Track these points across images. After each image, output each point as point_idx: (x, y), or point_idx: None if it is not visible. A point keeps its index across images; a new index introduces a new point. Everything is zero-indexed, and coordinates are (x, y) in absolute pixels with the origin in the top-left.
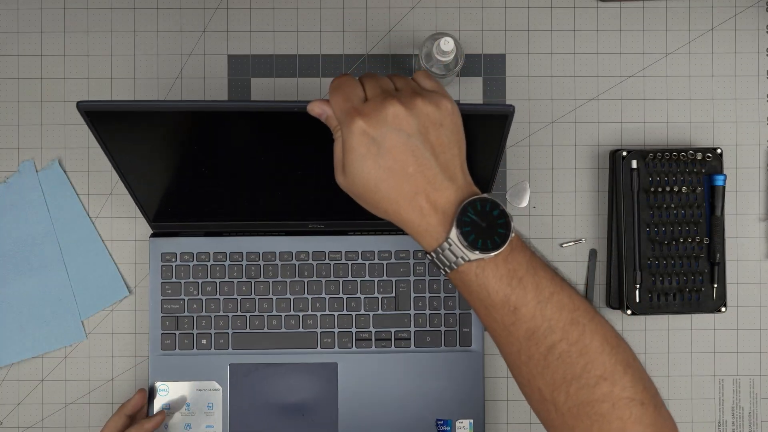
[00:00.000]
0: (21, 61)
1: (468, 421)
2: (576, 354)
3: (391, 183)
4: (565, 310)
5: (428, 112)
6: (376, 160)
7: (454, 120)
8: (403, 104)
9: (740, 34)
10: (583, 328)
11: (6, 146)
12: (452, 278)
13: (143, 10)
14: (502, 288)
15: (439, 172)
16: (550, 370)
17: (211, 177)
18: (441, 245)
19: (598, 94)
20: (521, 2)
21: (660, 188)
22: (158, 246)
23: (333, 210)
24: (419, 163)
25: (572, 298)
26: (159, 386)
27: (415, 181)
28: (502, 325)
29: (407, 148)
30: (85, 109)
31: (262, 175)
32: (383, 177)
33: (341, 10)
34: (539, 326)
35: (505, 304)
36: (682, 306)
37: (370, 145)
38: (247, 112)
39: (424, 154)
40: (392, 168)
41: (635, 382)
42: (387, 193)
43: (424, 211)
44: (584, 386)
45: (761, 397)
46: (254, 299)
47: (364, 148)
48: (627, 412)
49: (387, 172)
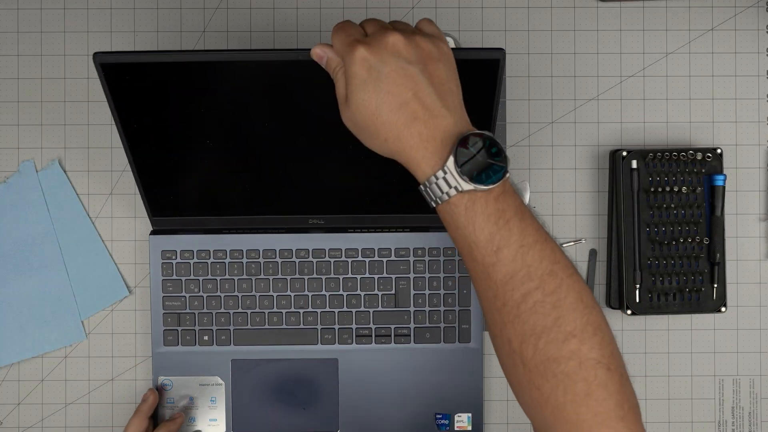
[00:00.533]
0: (21, 61)
1: (466, 415)
2: (549, 306)
3: (392, 106)
4: (545, 260)
5: (427, 47)
6: (376, 84)
7: (451, 61)
8: (403, 35)
9: (740, 34)
10: (560, 281)
11: (6, 146)
12: (441, 211)
13: (143, 10)
14: (489, 226)
15: (437, 100)
16: (521, 319)
17: (216, 155)
18: (436, 173)
19: (598, 94)
20: (521, 2)
21: (660, 188)
22: (158, 243)
23: (334, 204)
24: (418, 89)
25: (554, 251)
26: (163, 381)
27: (414, 106)
28: (482, 265)
29: (406, 74)
30: (101, 61)
31: (265, 161)
32: (383, 100)
33: (341, 10)
34: (518, 271)
35: (489, 243)
36: (682, 306)
37: (371, 70)
38: (254, 63)
39: (422, 81)
40: (392, 92)
41: (603, 345)
42: (387, 117)
43: (422, 136)
44: (553, 340)
45: (761, 397)
46: (255, 296)
47: (365, 73)
48: (592, 374)
49: (387, 95)
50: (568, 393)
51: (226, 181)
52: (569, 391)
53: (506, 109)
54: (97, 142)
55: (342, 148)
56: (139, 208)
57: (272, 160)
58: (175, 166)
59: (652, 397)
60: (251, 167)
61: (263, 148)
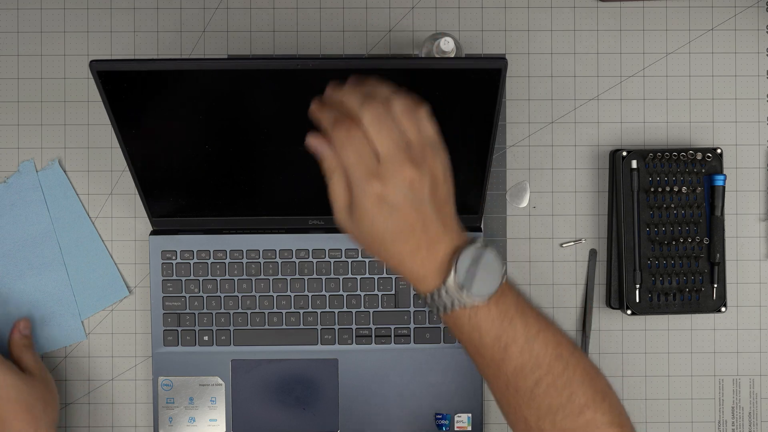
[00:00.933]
0: (21, 61)
1: (466, 415)
2: (561, 385)
3: (398, 239)
4: (550, 346)
5: (436, 170)
6: (386, 219)
7: (448, 173)
8: (417, 166)
9: (740, 34)
10: (566, 362)
11: (6, 146)
12: (445, 320)
13: (143, 10)
14: (494, 329)
15: (439, 226)
16: (536, 401)
17: (215, 160)
18: (438, 290)
19: (598, 94)
20: (521, 2)
21: (660, 188)
22: (158, 244)
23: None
24: (424, 221)
25: (556, 334)
26: (163, 381)
27: (419, 237)
28: (491, 361)
29: (418, 211)
30: (98, 69)
31: (264, 162)
32: (390, 234)
33: (341, 10)
34: (527, 362)
35: (496, 343)
36: (682, 306)
37: (383, 205)
38: (252, 69)
39: (429, 214)
40: (401, 227)
41: (612, 408)
42: (392, 247)
43: (424, 261)
44: (569, 415)
45: (761, 397)
46: (255, 296)
47: (377, 208)
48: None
49: (395, 230)
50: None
51: (226, 182)
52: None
53: (506, 109)
54: (97, 142)
55: None
56: (139, 208)
57: (272, 161)
58: (174, 169)
59: (652, 397)
60: (251, 168)
61: (263, 150)
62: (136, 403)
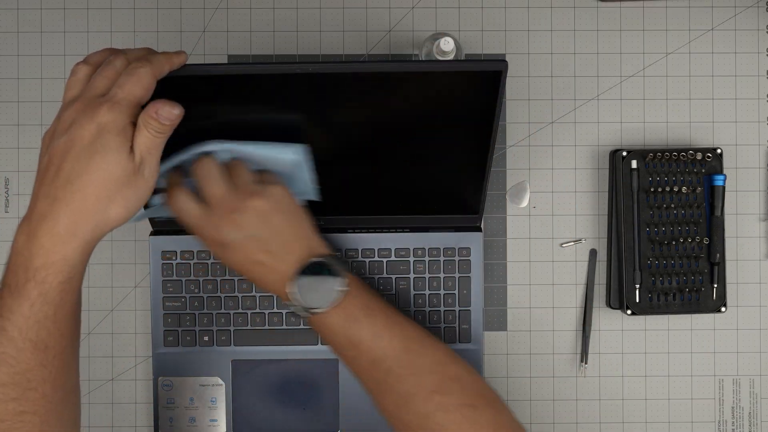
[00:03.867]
0: (21, 61)
1: None
2: (409, 374)
3: (247, 270)
4: (396, 340)
5: (263, 206)
6: (230, 258)
7: (286, 203)
8: (238, 209)
9: (740, 34)
10: (415, 352)
11: (6, 146)
12: (308, 322)
13: (143, 10)
14: (342, 329)
15: (280, 252)
16: (392, 390)
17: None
18: (289, 304)
19: (598, 94)
20: (521, 2)
21: (660, 188)
22: (158, 244)
23: (333, 205)
24: (263, 253)
25: (405, 329)
26: (163, 381)
27: (264, 266)
28: (349, 358)
29: (250, 245)
30: None
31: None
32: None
33: (341, 10)
34: (377, 356)
35: (348, 341)
36: (682, 306)
37: (220, 248)
38: (253, 74)
39: (266, 244)
40: (243, 262)
41: (464, 389)
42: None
43: (276, 282)
44: (420, 401)
45: (761, 397)
46: (255, 296)
47: (216, 252)
48: (459, 416)
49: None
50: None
51: None
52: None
53: (506, 109)
54: None
55: (341, 150)
56: None
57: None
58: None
59: (652, 397)
60: None
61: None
62: (136, 403)
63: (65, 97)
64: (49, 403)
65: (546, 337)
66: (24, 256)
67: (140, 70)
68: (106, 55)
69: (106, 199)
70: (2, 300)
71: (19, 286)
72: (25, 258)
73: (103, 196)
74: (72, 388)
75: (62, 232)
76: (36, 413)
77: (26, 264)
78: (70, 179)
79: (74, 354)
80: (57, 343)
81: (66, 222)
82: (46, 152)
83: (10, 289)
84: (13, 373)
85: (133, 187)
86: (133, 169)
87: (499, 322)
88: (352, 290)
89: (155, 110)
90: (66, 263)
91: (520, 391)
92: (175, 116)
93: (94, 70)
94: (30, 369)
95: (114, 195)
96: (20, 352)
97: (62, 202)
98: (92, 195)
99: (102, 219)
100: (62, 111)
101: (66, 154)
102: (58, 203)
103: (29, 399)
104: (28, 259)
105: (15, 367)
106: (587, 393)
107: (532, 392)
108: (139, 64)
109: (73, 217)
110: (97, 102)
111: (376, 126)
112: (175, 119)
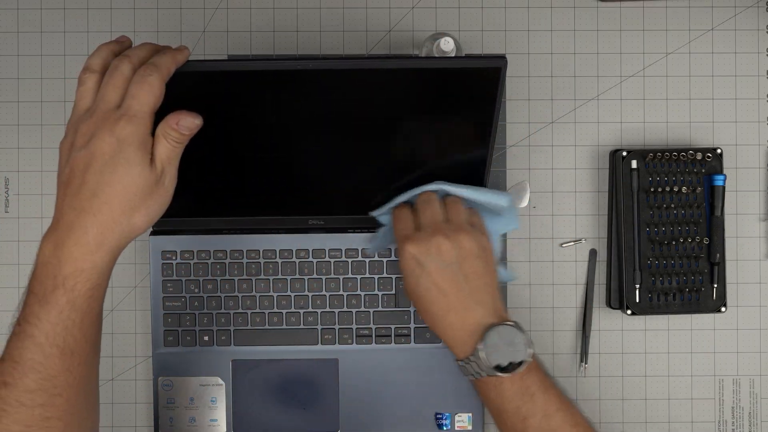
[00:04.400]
0: (21, 61)
1: (467, 414)
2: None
3: (429, 299)
4: (567, 424)
5: (468, 245)
6: (419, 279)
7: (488, 255)
8: (447, 237)
9: (740, 34)
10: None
11: (6, 146)
12: (474, 385)
13: (143, 10)
14: (515, 400)
15: (469, 295)
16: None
17: (214, 160)
18: (468, 358)
19: (598, 94)
20: (521, 2)
21: (660, 188)
22: (158, 244)
23: (334, 204)
24: (453, 286)
25: (575, 415)
26: (163, 381)
27: (448, 300)
28: (512, 428)
29: (445, 274)
30: None
31: (264, 162)
32: (423, 294)
33: (341, 10)
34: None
35: (516, 413)
36: (682, 306)
37: (416, 266)
38: (254, 70)
39: (458, 280)
40: (430, 288)
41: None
42: (426, 306)
43: (454, 326)
44: None
45: (761, 397)
46: (255, 296)
47: (412, 265)
48: None
49: (426, 290)
50: None
51: (226, 182)
52: None
53: (506, 109)
54: None
55: (341, 149)
56: None
57: (272, 161)
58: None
59: (652, 397)
60: (251, 169)
61: (263, 150)
62: (136, 403)
63: (77, 107)
64: (72, 408)
65: (546, 337)
66: (52, 265)
67: (150, 78)
68: (106, 57)
69: (131, 209)
70: (29, 308)
71: (47, 294)
72: (53, 266)
73: (128, 207)
74: (93, 393)
75: (91, 242)
76: (61, 419)
77: (54, 272)
78: (95, 192)
79: (96, 360)
80: (82, 350)
81: (94, 232)
82: (66, 164)
83: (37, 297)
84: (41, 379)
85: (155, 196)
86: (154, 179)
87: None
88: (532, 363)
89: (176, 121)
90: (95, 271)
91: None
92: (196, 126)
93: (101, 76)
94: (56, 375)
95: (138, 205)
96: (48, 358)
97: (89, 213)
98: (118, 206)
99: (127, 228)
100: (78, 123)
101: (88, 167)
102: (85, 214)
103: (55, 405)
104: (56, 268)
105: (42, 373)
106: (587, 393)
107: None
108: (148, 71)
109: (101, 228)
110: (115, 115)
111: (377, 124)
112: (195, 129)
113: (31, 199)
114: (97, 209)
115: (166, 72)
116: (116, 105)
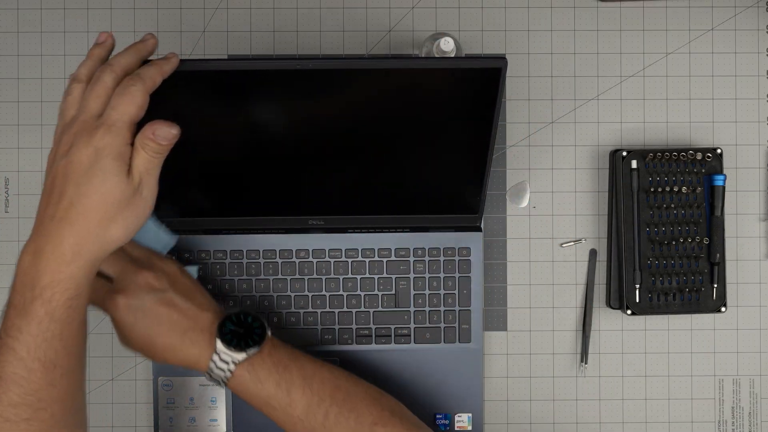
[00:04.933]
0: (21, 61)
1: (467, 415)
2: (347, 411)
3: (163, 331)
4: (326, 381)
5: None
6: (143, 322)
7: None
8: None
9: (740, 34)
10: (346, 390)
11: (6, 146)
12: (232, 387)
13: (143, 10)
14: (272, 376)
15: (193, 307)
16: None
17: (214, 161)
18: (213, 359)
19: (598, 94)
20: (521, 2)
21: (660, 188)
22: None
23: (334, 205)
24: (178, 309)
25: (332, 370)
26: (163, 381)
27: (181, 323)
28: (281, 409)
29: (164, 302)
30: None
31: (265, 162)
32: (155, 332)
33: (341, 10)
34: (311, 399)
35: (278, 389)
36: (682, 306)
37: (135, 312)
38: (255, 71)
39: (179, 300)
40: (159, 323)
41: (404, 420)
42: (162, 341)
43: (193, 340)
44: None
45: (761, 397)
46: (255, 296)
47: (131, 317)
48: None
49: (156, 328)
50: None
51: (226, 182)
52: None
53: (506, 109)
54: None
55: (342, 150)
56: None
57: (272, 161)
58: (174, 170)
59: (652, 397)
60: (251, 169)
61: (263, 151)
62: (136, 403)
63: (63, 117)
64: (57, 423)
65: (546, 337)
66: (30, 276)
67: (132, 88)
68: (92, 66)
69: (107, 220)
70: (9, 320)
71: (26, 305)
72: (31, 277)
73: (104, 217)
74: (79, 407)
75: (67, 252)
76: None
77: (33, 283)
78: (72, 202)
79: (81, 374)
80: (65, 363)
81: (71, 242)
82: (48, 173)
83: (17, 309)
84: (24, 393)
85: (132, 207)
86: (131, 190)
87: (499, 322)
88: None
89: (152, 131)
90: (72, 281)
91: (520, 391)
92: (173, 136)
93: (87, 85)
94: (40, 389)
95: (115, 216)
96: (30, 372)
97: (66, 223)
98: (94, 217)
99: (104, 239)
100: (61, 133)
101: (67, 178)
102: (63, 224)
103: (40, 419)
104: (34, 278)
105: (25, 387)
106: (587, 393)
107: (532, 392)
108: (131, 82)
109: (77, 238)
110: (94, 125)
111: (377, 125)
112: (173, 139)
113: (31, 199)
114: (74, 219)
115: (150, 83)
116: (97, 115)
